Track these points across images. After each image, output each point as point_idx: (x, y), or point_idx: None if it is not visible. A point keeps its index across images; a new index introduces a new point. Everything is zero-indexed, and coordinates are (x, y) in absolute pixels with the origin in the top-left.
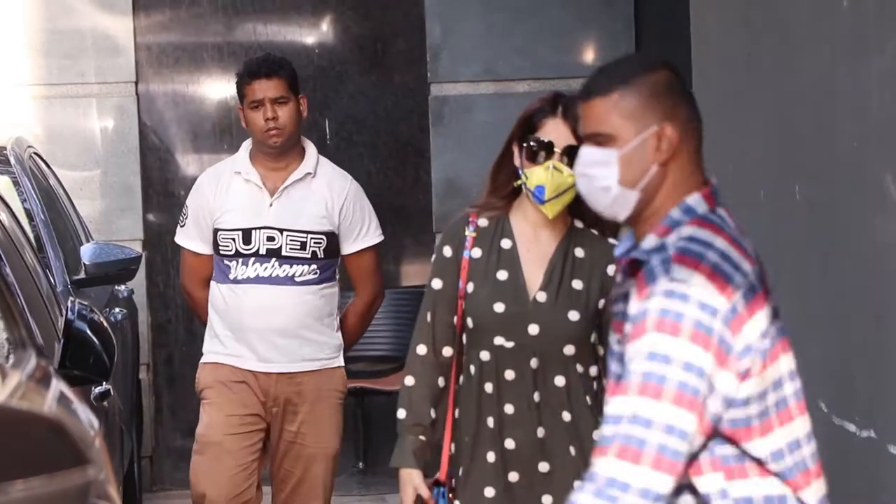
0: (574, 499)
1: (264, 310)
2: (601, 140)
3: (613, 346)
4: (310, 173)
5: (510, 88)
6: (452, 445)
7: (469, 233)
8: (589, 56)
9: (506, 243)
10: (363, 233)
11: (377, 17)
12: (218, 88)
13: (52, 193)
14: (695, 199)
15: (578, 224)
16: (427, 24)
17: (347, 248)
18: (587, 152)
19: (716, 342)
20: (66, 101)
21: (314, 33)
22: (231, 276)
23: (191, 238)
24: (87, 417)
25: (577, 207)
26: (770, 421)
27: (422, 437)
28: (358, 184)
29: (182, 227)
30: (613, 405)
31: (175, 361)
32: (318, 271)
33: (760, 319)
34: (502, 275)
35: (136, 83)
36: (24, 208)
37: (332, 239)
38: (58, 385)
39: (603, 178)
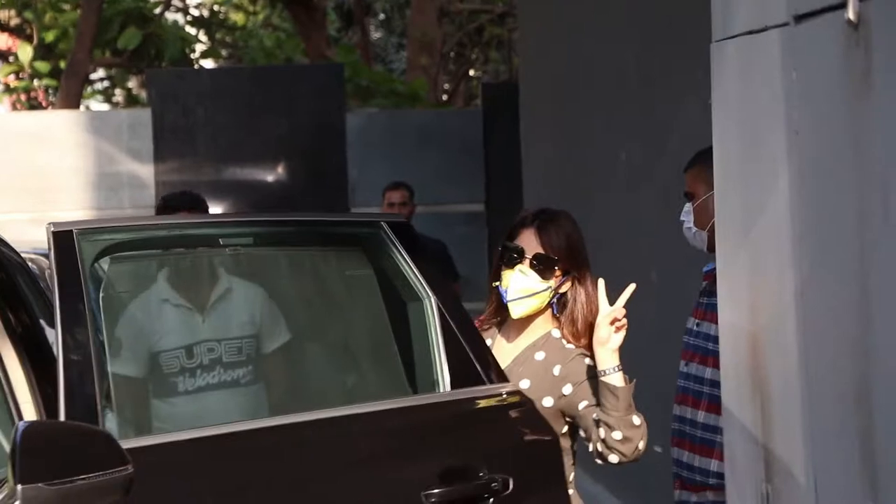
0: None
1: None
2: (689, 196)
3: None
4: (228, 288)
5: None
6: None
7: None
8: (459, 190)
9: (489, 341)
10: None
11: (313, 164)
12: None
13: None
14: None
15: (556, 333)
16: (349, 168)
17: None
18: (685, 207)
19: None
20: None
21: (273, 173)
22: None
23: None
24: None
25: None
26: None
27: None
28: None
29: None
30: None
31: None
32: None
33: None
34: None
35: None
36: None
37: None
38: None
39: (687, 221)
